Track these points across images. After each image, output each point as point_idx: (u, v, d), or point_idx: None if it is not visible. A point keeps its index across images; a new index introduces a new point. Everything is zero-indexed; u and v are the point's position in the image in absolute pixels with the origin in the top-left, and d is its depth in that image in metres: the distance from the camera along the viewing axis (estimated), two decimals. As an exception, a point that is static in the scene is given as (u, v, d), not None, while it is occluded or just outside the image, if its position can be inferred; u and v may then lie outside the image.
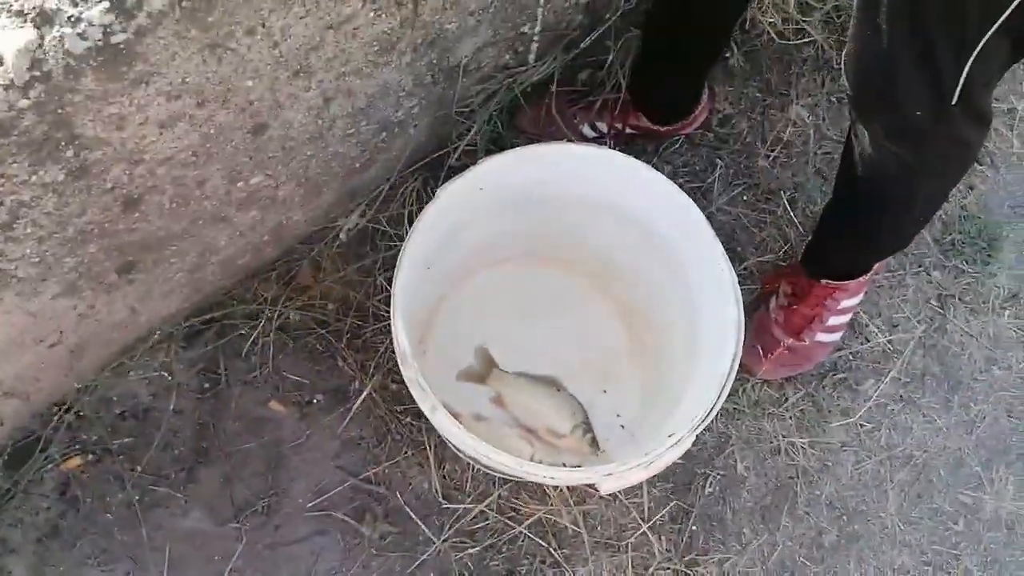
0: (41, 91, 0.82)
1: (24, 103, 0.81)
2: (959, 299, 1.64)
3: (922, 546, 1.51)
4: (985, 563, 1.52)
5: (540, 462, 1.11)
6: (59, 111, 0.85)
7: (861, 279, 1.45)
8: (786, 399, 1.53)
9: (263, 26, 0.96)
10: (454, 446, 1.38)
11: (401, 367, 1.11)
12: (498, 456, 1.07)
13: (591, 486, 1.44)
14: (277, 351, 1.44)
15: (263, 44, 0.98)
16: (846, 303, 1.47)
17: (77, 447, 1.36)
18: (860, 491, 1.52)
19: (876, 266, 1.45)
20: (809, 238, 1.51)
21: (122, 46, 0.84)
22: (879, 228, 1.32)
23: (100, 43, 0.82)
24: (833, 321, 1.48)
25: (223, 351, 1.43)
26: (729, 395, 1.48)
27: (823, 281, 1.45)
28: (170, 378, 1.40)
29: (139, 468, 1.37)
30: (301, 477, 1.40)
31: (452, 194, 1.18)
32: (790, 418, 1.52)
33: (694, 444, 1.47)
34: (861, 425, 1.54)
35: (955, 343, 1.62)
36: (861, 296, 1.50)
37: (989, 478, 1.56)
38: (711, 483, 1.48)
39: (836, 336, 1.52)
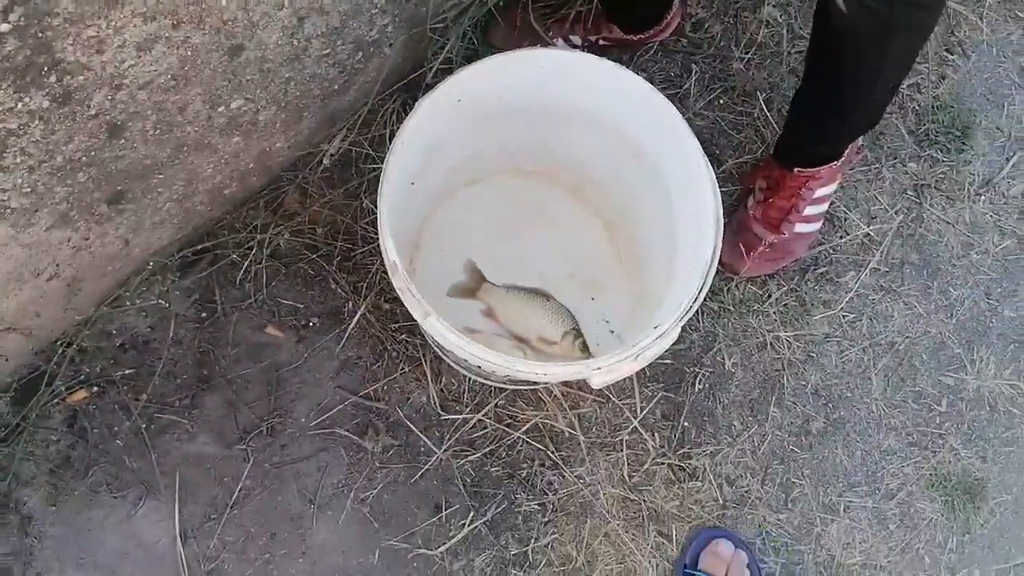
0: (21, 14, 0.84)
1: (5, 27, 0.84)
2: (935, 188, 1.68)
3: (907, 428, 1.58)
4: (969, 440, 1.59)
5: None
6: (39, 35, 0.88)
7: (833, 165, 1.48)
8: (770, 295, 1.58)
9: (232, -58, 0.98)
10: (448, 356, 1.43)
11: (392, 279, 1.15)
12: (490, 356, 1.11)
13: (584, 388, 1.50)
14: (270, 277, 1.48)
15: (233, -39, 1.00)
16: (821, 191, 1.51)
17: (82, 380, 1.40)
18: (844, 379, 1.58)
19: (847, 152, 1.48)
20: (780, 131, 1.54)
21: (95, -34, 0.86)
22: (850, 101, 1.34)
23: (74, -37, 0.85)
24: (810, 211, 1.52)
25: (217, 280, 1.47)
26: (714, 295, 1.54)
27: (796, 170, 1.49)
28: (167, 307, 1.44)
29: (144, 397, 1.41)
30: (302, 398, 1.45)
31: (431, 105, 1.21)
32: (774, 314, 1.57)
33: (682, 343, 1.53)
34: (843, 316, 1.60)
35: (932, 231, 1.67)
36: (836, 184, 1.53)
37: (970, 359, 1.62)
38: (700, 380, 1.54)
39: (814, 226, 1.57)
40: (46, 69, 0.92)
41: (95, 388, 1.41)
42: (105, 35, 0.95)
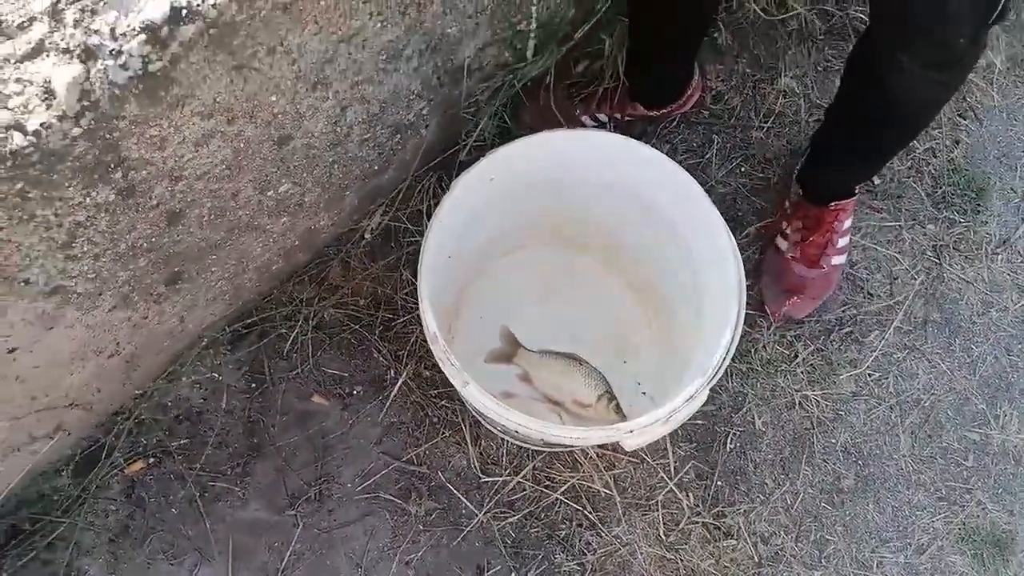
0: (91, 119, 0.89)
1: (76, 131, 0.89)
2: (953, 248, 1.69)
3: (935, 483, 1.56)
4: (996, 495, 1.57)
5: (567, 427, 1.18)
6: (107, 136, 0.92)
7: (855, 197, 1.56)
8: (796, 355, 1.58)
9: (282, 45, 1.03)
10: (486, 421, 1.45)
11: (432, 348, 1.17)
12: (527, 422, 1.13)
13: (619, 449, 1.50)
14: (315, 348, 1.51)
15: (283, 61, 1.05)
16: (847, 223, 1.57)
17: (139, 451, 1.44)
18: (873, 436, 1.57)
19: None
20: (803, 167, 1.59)
21: (159, 73, 0.91)
22: (902, 143, 1.44)
23: (140, 72, 0.89)
24: (841, 243, 1.58)
25: (266, 352, 1.50)
26: (742, 356, 1.55)
27: (831, 205, 1.54)
28: (219, 379, 1.47)
29: (197, 466, 1.44)
30: (348, 463, 1.47)
31: (466, 185, 1.24)
32: (802, 373, 1.58)
33: (713, 404, 1.54)
34: (869, 374, 1.60)
35: (953, 290, 1.67)
36: (853, 216, 1.58)
37: (994, 414, 1.61)
38: (732, 440, 1.54)
39: (844, 257, 1.61)
40: (112, 166, 0.97)
41: (152, 459, 1.44)
42: (167, 133, 0.99)
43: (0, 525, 1.37)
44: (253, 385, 1.49)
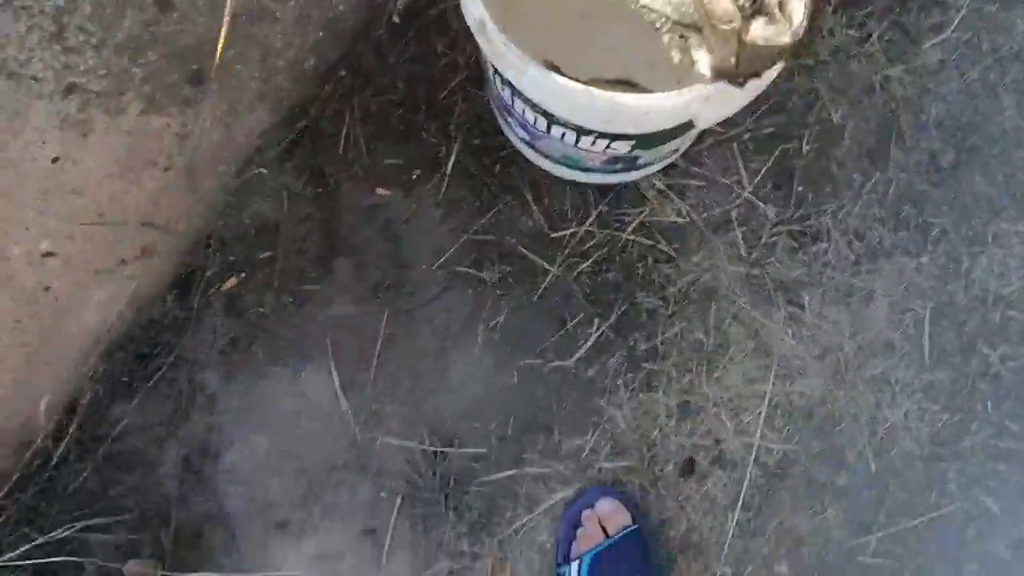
0: None
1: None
2: None
3: (1053, 137, 1.44)
4: None
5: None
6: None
7: None
8: (869, 36, 1.49)
9: None
10: (543, 154, 1.47)
11: (478, 40, 1.13)
12: (598, 94, 1.11)
13: (688, 175, 1.49)
14: (368, 141, 1.60)
15: None
16: None
17: (229, 269, 1.59)
18: (970, 103, 1.46)
19: None
20: None
21: None
22: None
23: None
24: None
25: (322, 154, 1.61)
26: (805, 48, 1.49)
27: None
28: (285, 189, 1.60)
29: (283, 274, 1.58)
30: (419, 246, 1.56)
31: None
32: (878, 53, 1.49)
33: (780, 109, 1.49)
34: (958, 37, 1.48)
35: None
36: None
37: (1121, 47, 1.46)
38: (808, 141, 1.49)
39: None
40: (71, -58, 1.08)
41: (242, 274, 1.60)
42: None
43: (128, 350, 1.57)
44: (319, 189, 1.60)
